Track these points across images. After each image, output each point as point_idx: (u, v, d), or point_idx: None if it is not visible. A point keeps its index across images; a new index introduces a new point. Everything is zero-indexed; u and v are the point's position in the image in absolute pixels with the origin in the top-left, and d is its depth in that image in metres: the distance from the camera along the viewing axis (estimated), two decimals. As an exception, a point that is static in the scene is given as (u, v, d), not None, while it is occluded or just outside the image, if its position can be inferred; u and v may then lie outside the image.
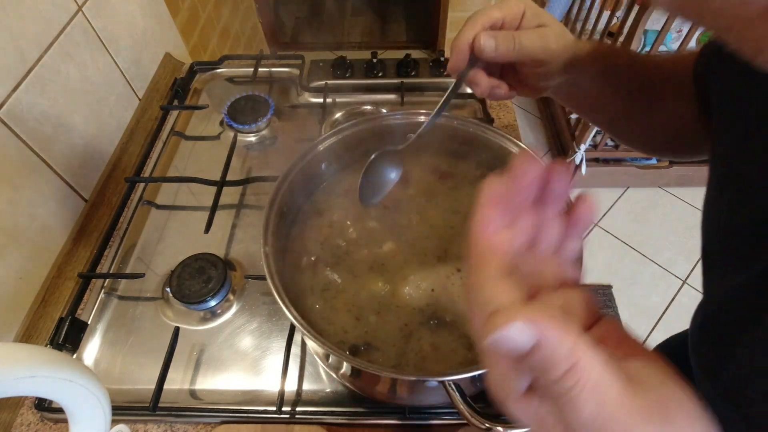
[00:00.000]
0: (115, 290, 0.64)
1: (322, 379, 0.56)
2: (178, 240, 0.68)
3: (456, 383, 0.39)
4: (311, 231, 0.55)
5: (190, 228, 0.69)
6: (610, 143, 1.71)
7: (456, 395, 0.38)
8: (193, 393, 0.55)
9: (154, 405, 0.52)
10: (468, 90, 0.84)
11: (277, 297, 0.42)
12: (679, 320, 1.55)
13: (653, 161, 1.78)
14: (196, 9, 1.19)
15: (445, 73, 0.87)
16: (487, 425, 0.37)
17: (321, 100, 0.84)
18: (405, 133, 0.57)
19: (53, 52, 0.65)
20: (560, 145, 1.90)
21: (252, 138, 0.81)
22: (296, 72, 0.90)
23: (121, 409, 0.54)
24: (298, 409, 0.54)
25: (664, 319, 1.55)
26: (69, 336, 0.57)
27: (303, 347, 0.58)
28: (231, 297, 0.62)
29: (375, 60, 0.89)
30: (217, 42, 1.37)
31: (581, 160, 1.70)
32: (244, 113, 0.81)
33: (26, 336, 0.60)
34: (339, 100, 0.86)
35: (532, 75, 0.45)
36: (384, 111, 0.81)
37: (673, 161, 1.76)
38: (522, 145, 0.53)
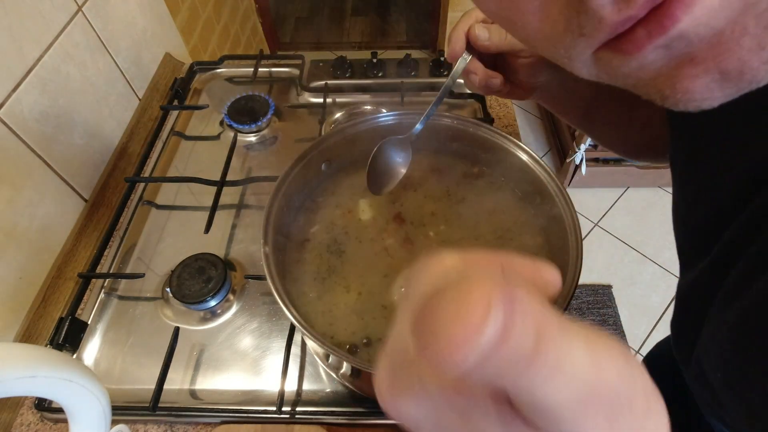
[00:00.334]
0: (115, 290, 0.64)
1: (322, 379, 0.56)
2: (178, 240, 0.68)
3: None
4: (311, 231, 0.55)
5: (190, 228, 0.69)
6: (610, 143, 1.71)
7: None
8: (193, 393, 0.55)
9: (154, 405, 0.52)
10: (468, 90, 0.84)
11: (277, 297, 0.42)
12: (679, 320, 1.55)
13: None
14: (196, 9, 1.19)
15: (445, 61, 0.87)
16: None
17: (321, 100, 0.84)
18: (405, 133, 0.57)
19: (53, 52, 0.65)
20: (560, 145, 1.90)
21: (252, 138, 0.81)
22: (296, 72, 0.90)
23: (121, 409, 0.54)
24: (298, 409, 0.54)
25: (664, 319, 1.55)
26: (69, 336, 0.57)
27: (303, 347, 0.58)
28: (231, 297, 0.62)
29: (375, 60, 0.89)
30: (217, 42, 1.37)
31: (581, 160, 1.70)
32: (244, 113, 0.81)
33: (26, 336, 0.60)
34: (339, 100, 0.86)
35: (524, 67, 0.46)
36: (384, 111, 0.81)
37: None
38: (523, 146, 0.53)
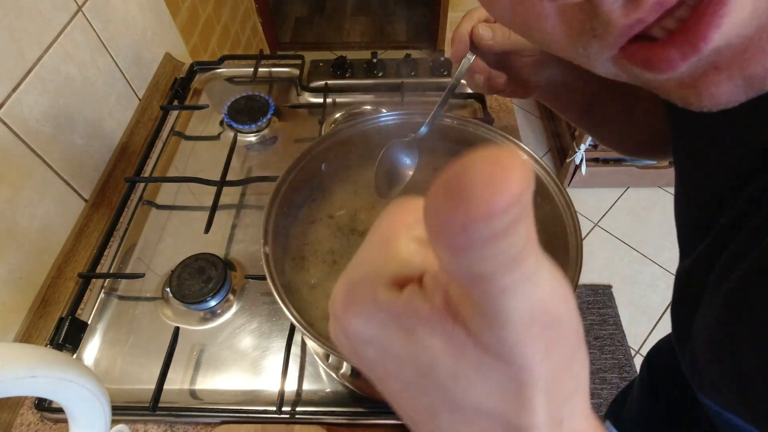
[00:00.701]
0: (115, 290, 0.64)
1: (322, 379, 0.56)
2: (178, 240, 0.68)
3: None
4: (311, 231, 0.55)
5: (190, 228, 0.69)
6: (610, 143, 1.71)
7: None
8: (193, 393, 0.55)
9: (154, 405, 0.52)
10: (469, 90, 0.84)
11: (277, 297, 0.42)
12: (679, 320, 1.55)
13: (653, 161, 1.78)
14: (196, 9, 1.19)
15: (446, 61, 0.88)
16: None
17: (321, 100, 0.84)
18: (406, 133, 0.57)
19: (53, 52, 0.65)
20: (560, 145, 1.90)
21: (252, 138, 0.81)
22: (296, 72, 0.90)
23: (121, 409, 0.54)
24: (298, 409, 0.54)
25: (664, 319, 1.55)
26: (69, 336, 0.57)
27: (303, 347, 0.58)
28: (231, 297, 0.62)
29: (375, 60, 0.89)
30: (217, 42, 1.37)
31: (581, 160, 1.70)
32: (244, 113, 0.81)
33: (26, 336, 0.60)
34: (339, 100, 0.86)
35: (527, 65, 0.46)
36: (384, 111, 0.81)
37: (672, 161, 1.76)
38: (523, 146, 0.53)
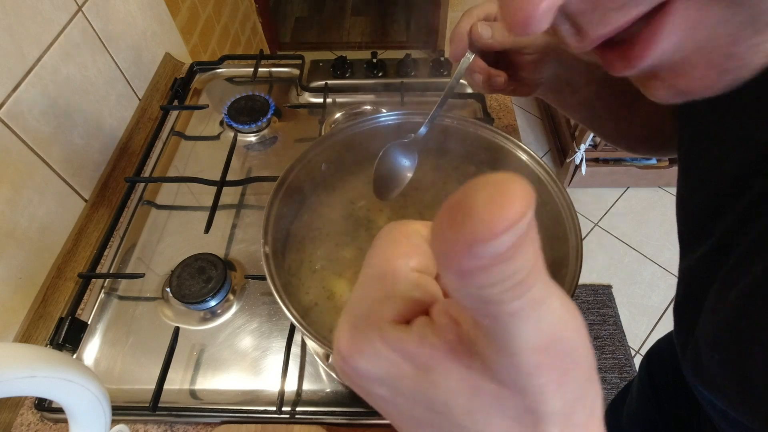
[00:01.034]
0: (115, 290, 0.64)
1: (322, 379, 0.56)
2: (178, 240, 0.68)
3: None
4: (311, 231, 0.55)
5: (190, 228, 0.69)
6: (610, 143, 1.71)
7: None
8: (193, 393, 0.55)
9: (154, 405, 0.52)
10: (468, 90, 0.84)
11: (277, 297, 0.42)
12: (679, 320, 1.55)
13: (653, 161, 1.78)
14: (196, 9, 1.19)
15: (446, 61, 0.88)
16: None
17: (321, 100, 0.84)
18: (406, 133, 0.57)
19: (53, 52, 0.65)
20: (560, 145, 1.90)
21: (252, 138, 0.81)
22: (296, 72, 0.90)
23: (121, 409, 0.54)
24: (298, 409, 0.54)
25: (664, 319, 1.55)
26: (69, 336, 0.57)
27: (303, 347, 0.58)
28: (231, 297, 0.62)
29: (375, 60, 0.89)
30: (217, 42, 1.37)
31: (581, 160, 1.70)
32: (244, 113, 0.81)
33: (26, 336, 0.60)
34: (339, 100, 0.86)
35: (528, 63, 0.46)
36: (384, 111, 0.81)
37: (672, 161, 1.76)
38: (523, 146, 0.53)
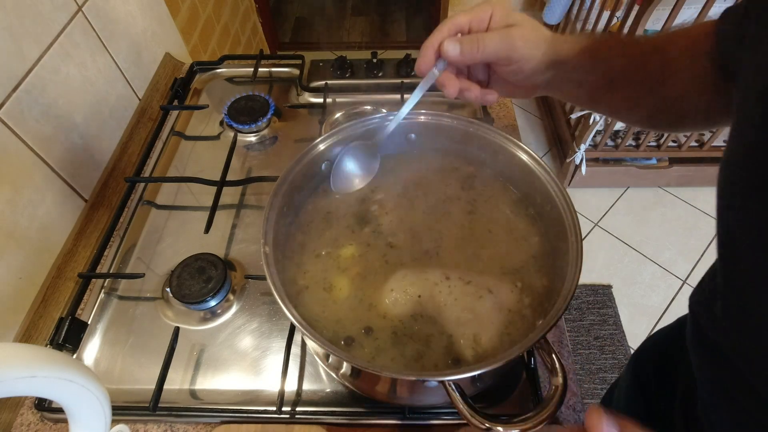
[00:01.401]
0: (115, 290, 0.64)
1: (322, 379, 0.56)
2: (178, 240, 0.68)
3: (456, 383, 0.39)
4: (311, 231, 0.55)
5: (190, 228, 0.69)
6: (610, 143, 1.71)
7: (456, 395, 0.38)
8: (193, 393, 0.55)
9: (154, 405, 0.52)
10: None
11: (277, 297, 0.42)
12: (679, 320, 1.55)
13: (653, 161, 1.78)
14: (196, 9, 1.19)
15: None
16: (487, 425, 0.37)
17: (321, 100, 0.84)
18: (405, 133, 0.57)
19: (53, 52, 0.65)
20: (560, 145, 1.90)
21: (252, 138, 0.81)
22: (296, 72, 0.90)
23: (121, 409, 0.54)
24: (298, 409, 0.54)
25: (664, 319, 1.55)
26: (69, 336, 0.57)
27: (303, 347, 0.58)
28: (231, 297, 0.62)
29: (375, 60, 0.89)
30: (217, 42, 1.37)
31: (581, 160, 1.70)
32: (244, 113, 0.81)
33: (26, 336, 0.60)
34: (339, 100, 0.86)
35: (508, 74, 0.45)
36: (384, 111, 0.81)
37: (673, 160, 1.76)
38: (523, 146, 0.53)
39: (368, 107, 0.84)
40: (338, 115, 0.83)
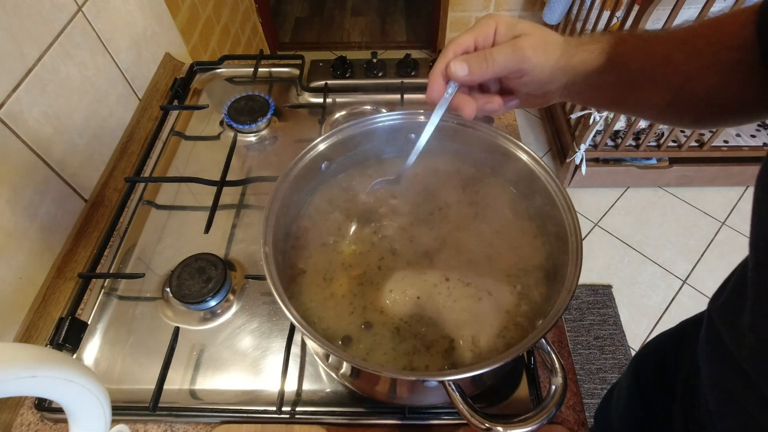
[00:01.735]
0: (115, 290, 0.64)
1: (322, 379, 0.56)
2: (178, 240, 0.68)
3: (456, 383, 0.39)
4: (311, 231, 0.55)
5: (190, 228, 0.69)
6: (610, 143, 1.71)
7: (456, 395, 0.38)
8: (193, 393, 0.55)
9: (154, 405, 0.52)
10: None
11: (277, 297, 0.42)
12: (679, 320, 1.55)
13: (653, 161, 1.78)
14: (196, 9, 1.19)
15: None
16: (487, 425, 0.37)
17: (321, 100, 0.84)
18: (405, 134, 0.57)
19: (53, 52, 0.65)
20: (560, 145, 1.90)
21: (252, 138, 0.81)
22: (296, 72, 0.90)
23: (121, 409, 0.54)
24: (298, 409, 0.54)
25: (664, 319, 1.55)
26: (69, 336, 0.57)
27: (303, 347, 0.58)
28: (231, 297, 0.62)
29: (375, 60, 0.89)
30: (217, 42, 1.37)
31: (581, 160, 1.70)
32: (244, 113, 0.81)
33: (26, 336, 0.60)
34: (339, 100, 0.86)
35: (521, 86, 0.44)
36: (384, 111, 0.81)
37: (673, 160, 1.76)
38: (523, 146, 0.53)
39: (368, 107, 0.84)
40: (338, 115, 0.83)
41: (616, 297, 1.60)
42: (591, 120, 1.57)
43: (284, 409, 0.53)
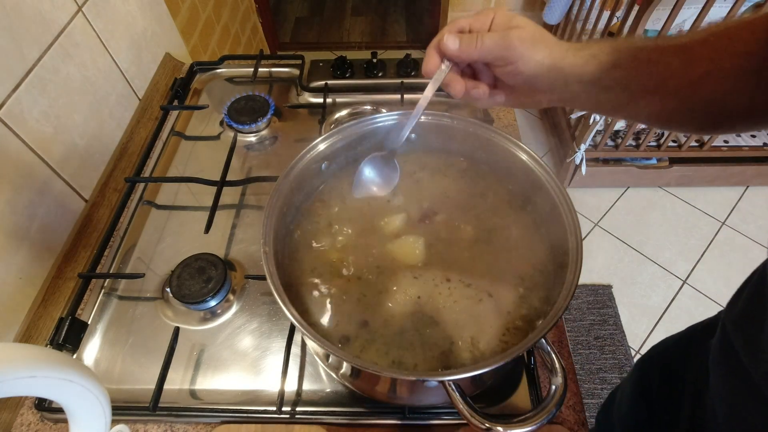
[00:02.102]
0: (115, 290, 0.64)
1: (322, 379, 0.56)
2: (178, 240, 0.68)
3: (456, 383, 0.39)
4: (311, 231, 0.55)
5: (190, 228, 0.69)
6: (610, 143, 1.71)
7: (456, 395, 0.38)
8: (193, 393, 0.55)
9: (154, 405, 0.52)
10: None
11: (277, 297, 0.42)
12: (679, 320, 1.55)
13: (653, 161, 1.78)
14: (196, 9, 1.19)
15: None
16: (487, 425, 0.37)
17: (321, 100, 0.84)
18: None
19: (53, 52, 0.65)
20: (560, 145, 1.90)
21: (252, 138, 0.81)
22: (296, 72, 0.90)
23: (121, 409, 0.54)
24: (298, 409, 0.54)
25: (664, 319, 1.55)
26: (69, 336, 0.57)
27: (303, 347, 0.58)
28: (231, 297, 0.62)
29: (375, 60, 0.89)
30: (217, 42, 1.37)
31: (581, 160, 1.70)
32: (244, 113, 0.81)
33: (26, 336, 0.60)
34: (339, 100, 0.86)
35: (507, 76, 0.45)
36: (384, 111, 0.81)
37: (673, 160, 1.76)
38: (523, 146, 0.53)
39: (368, 107, 0.84)
40: (338, 115, 0.83)
41: (616, 297, 1.60)
42: (591, 120, 1.57)
43: (284, 409, 0.53)
